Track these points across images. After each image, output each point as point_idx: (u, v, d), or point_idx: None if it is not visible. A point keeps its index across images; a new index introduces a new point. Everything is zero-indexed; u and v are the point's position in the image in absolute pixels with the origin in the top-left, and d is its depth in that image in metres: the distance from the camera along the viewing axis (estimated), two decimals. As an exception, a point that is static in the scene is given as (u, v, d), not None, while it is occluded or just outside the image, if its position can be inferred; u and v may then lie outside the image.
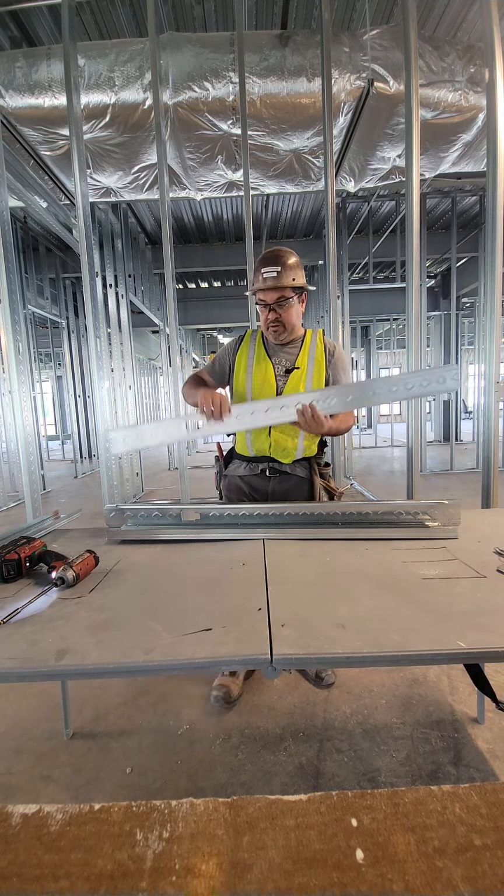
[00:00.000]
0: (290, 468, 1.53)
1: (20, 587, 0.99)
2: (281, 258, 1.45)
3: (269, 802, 0.48)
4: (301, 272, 1.48)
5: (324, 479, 1.59)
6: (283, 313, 1.48)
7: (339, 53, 2.67)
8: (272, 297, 1.45)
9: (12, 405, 2.37)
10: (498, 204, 1.85)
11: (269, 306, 1.47)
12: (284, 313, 1.48)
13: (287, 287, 1.44)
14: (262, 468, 1.54)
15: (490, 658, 0.88)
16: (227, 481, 1.62)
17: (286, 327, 1.50)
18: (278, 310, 1.47)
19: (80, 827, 0.46)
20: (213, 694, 1.58)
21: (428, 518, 1.23)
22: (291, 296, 1.46)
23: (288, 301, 1.46)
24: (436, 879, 0.40)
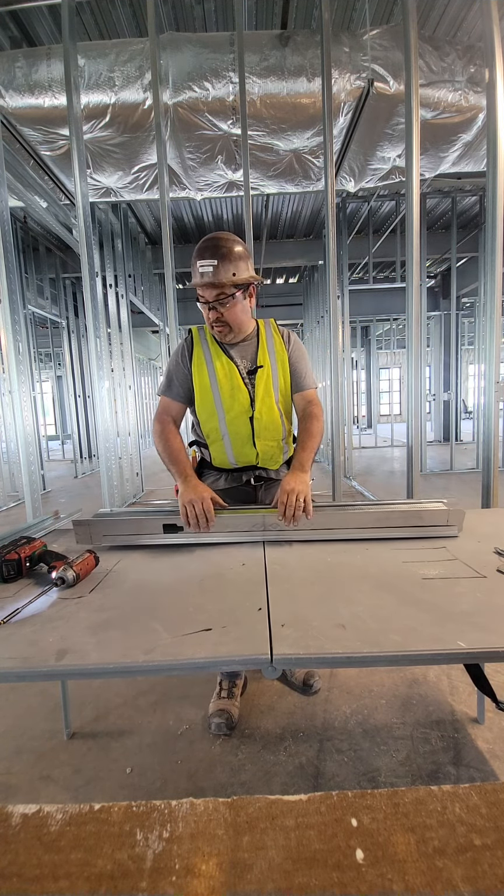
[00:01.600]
0: (275, 473, 1.46)
1: (20, 587, 0.99)
2: (219, 248, 1.24)
3: (269, 802, 0.48)
4: (245, 263, 1.28)
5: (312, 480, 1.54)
6: (226, 312, 1.29)
7: (339, 53, 2.67)
8: (211, 295, 1.27)
9: (12, 405, 2.38)
10: (498, 204, 1.86)
11: (210, 304, 1.29)
12: (227, 312, 1.29)
13: (225, 284, 1.25)
14: (247, 478, 1.43)
15: (490, 658, 0.88)
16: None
17: (232, 327, 1.33)
18: (220, 308, 1.29)
19: (80, 827, 0.46)
20: (215, 721, 1.44)
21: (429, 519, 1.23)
22: (233, 292, 1.27)
23: (230, 299, 1.27)
24: (436, 879, 0.40)
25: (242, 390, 1.35)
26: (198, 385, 1.39)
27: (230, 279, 1.25)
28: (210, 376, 1.37)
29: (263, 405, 1.37)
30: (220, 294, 1.26)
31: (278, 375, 1.39)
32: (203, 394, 1.38)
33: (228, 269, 1.24)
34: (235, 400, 1.35)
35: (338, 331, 2.41)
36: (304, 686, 1.61)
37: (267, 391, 1.37)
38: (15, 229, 5.52)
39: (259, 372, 1.36)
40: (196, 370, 1.39)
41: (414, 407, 2.11)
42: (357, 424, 11.20)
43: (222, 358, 1.38)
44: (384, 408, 14.46)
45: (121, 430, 4.72)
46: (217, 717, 1.45)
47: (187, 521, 1.16)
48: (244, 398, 1.35)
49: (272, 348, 1.40)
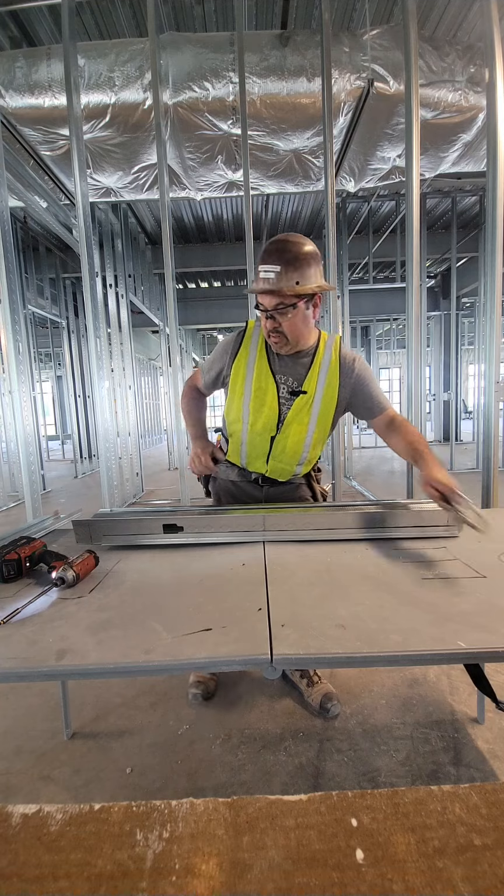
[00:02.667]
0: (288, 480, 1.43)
1: (20, 587, 0.99)
2: (286, 252, 1.14)
3: (269, 802, 0.48)
4: (313, 270, 1.16)
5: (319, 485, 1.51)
6: (285, 322, 1.19)
7: (339, 53, 2.67)
8: (270, 303, 1.17)
9: (12, 405, 2.38)
10: (498, 204, 1.86)
11: (268, 312, 1.19)
12: (286, 323, 1.19)
13: (287, 293, 1.14)
14: (256, 478, 1.42)
15: (490, 658, 0.88)
16: (218, 484, 1.50)
17: (289, 339, 1.23)
18: (278, 317, 1.19)
19: (80, 827, 0.46)
20: (192, 692, 1.57)
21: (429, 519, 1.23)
22: (294, 302, 1.16)
23: (290, 309, 1.17)
24: (436, 879, 0.40)
25: (273, 410, 1.29)
26: (231, 387, 1.35)
27: (293, 288, 1.14)
28: (246, 384, 1.30)
29: (290, 430, 1.30)
30: (279, 303, 1.16)
31: (320, 405, 1.30)
32: (233, 398, 1.34)
33: (292, 276, 1.13)
34: (262, 416, 1.30)
35: (338, 331, 2.41)
36: (322, 709, 1.51)
37: (299, 418, 1.29)
38: (15, 229, 5.52)
39: (300, 397, 1.28)
40: (235, 371, 1.33)
41: (414, 407, 2.11)
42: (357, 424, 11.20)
43: (264, 370, 1.29)
44: (384, 408, 14.43)
45: (121, 430, 4.72)
46: (193, 688, 1.55)
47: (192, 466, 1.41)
48: (272, 418, 1.29)
49: (324, 374, 1.29)
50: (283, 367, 1.30)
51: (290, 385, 1.29)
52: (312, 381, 1.28)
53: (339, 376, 1.29)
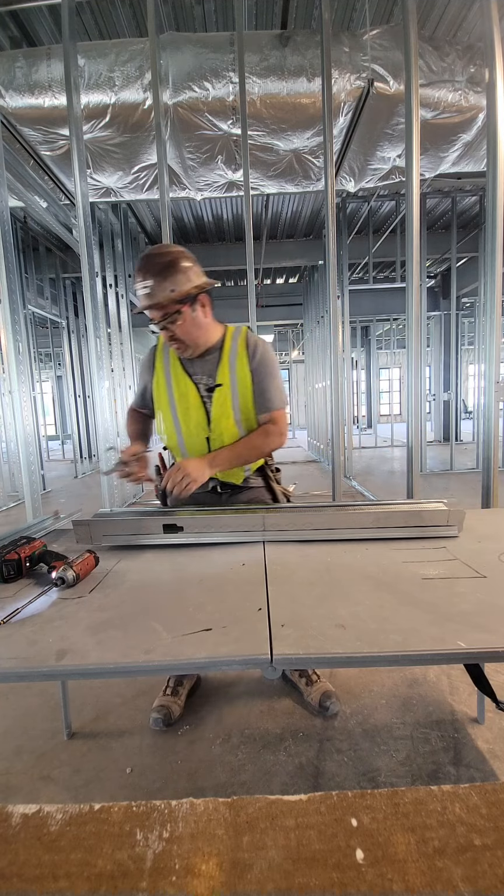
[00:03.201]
0: (242, 482, 1.42)
1: (20, 587, 0.99)
2: (154, 264, 1.18)
3: (269, 802, 0.48)
4: (186, 274, 1.20)
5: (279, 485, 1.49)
6: (177, 329, 1.24)
7: (339, 53, 2.67)
8: (156, 316, 1.22)
9: (12, 405, 2.38)
10: (498, 204, 1.86)
11: (159, 325, 1.24)
12: (178, 329, 1.24)
13: (166, 302, 1.19)
14: (213, 486, 1.39)
15: (490, 658, 0.88)
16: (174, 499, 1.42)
17: (188, 343, 1.28)
18: (170, 327, 1.23)
19: (80, 827, 0.46)
20: (153, 716, 1.47)
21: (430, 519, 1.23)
22: (178, 308, 1.21)
23: (176, 315, 1.21)
24: (436, 879, 0.40)
25: (199, 409, 1.31)
26: (157, 401, 1.38)
27: (168, 297, 1.19)
28: (168, 392, 1.35)
29: (220, 425, 1.32)
30: (164, 314, 1.21)
31: (238, 395, 1.31)
32: (161, 409, 1.38)
33: (165, 286, 1.18)
34: (191, 419, 1.32)
35: (338, 331, 2.41)
36: (321, 708, 1.50)
37: (224, 412, 1.31)
38: (15, 229, 5.52)
39: (217, 391, 1.30)
40: (155, 385, 1.38)
41: (414, 407, 2.12)
42: (357, 424, 11.21)
43: (180, 374, 1.34)
44: (384, 408, 14.46)
45: (121, 430, 4.72)
46: (155, 713, 1.49)
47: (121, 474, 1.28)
48: (200, 417, 1.32)
49: (234, 364, 1.32)
50: (197, 368, 1.34)
51: (206, 383, 1.33)
52: (224, 373, 1.31)
53: (248, 363, 1.32)
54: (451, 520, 1.20)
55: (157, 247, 1.24)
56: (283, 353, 14.39)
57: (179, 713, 1.52)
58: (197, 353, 1.32)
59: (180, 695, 1.55)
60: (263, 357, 1.33)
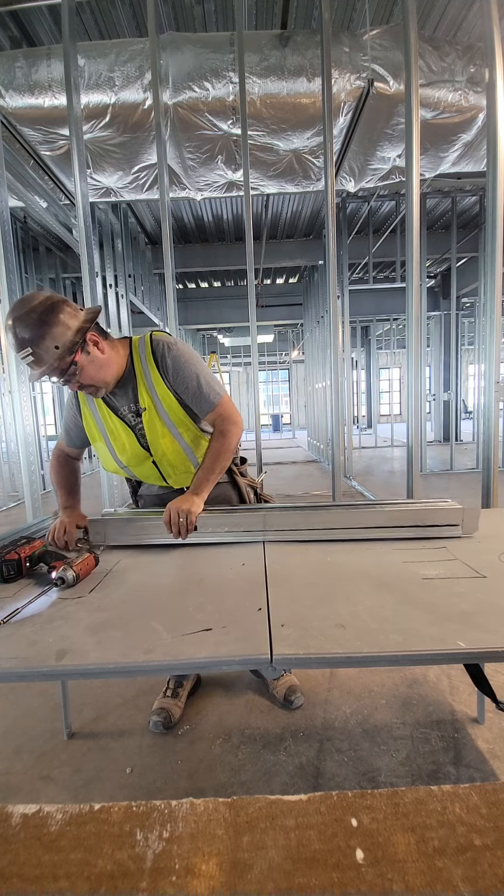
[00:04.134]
0: None
1: (20, 587, 0.99)
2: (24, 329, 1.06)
3: (269, 802, 0.48)
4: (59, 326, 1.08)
5: (244, 477, 1.46)
6: (84, 378, 1.17)
7: (339, 53, 2.67)
8: (55, 377, 1.13)
9: (12, 405, 2.37)
10: (498, 204, 1.85)
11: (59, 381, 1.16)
12: (84, 377, 1.17)
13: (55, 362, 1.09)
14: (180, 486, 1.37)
15: (490, 658, 0.88)
16: (143, 501, 1.47)
17: (98, 385, 1.21)
18: (73, 380, 1.16)
19: (80, 827, 0.46)
20: (153, 719, 1.46)
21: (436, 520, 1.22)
22: (70, 360, 1.11)
23: (72, 367, 1.13)
24: (436, 879, 0.40)
25: (132, 441, 1.28)
26: (92, 439, 1.35)
27: (55, 354, 1.08)
28: (100, 429, 1.32)
29: (159, 447, 1.28)
30: (60, 371, 1.12)
31: (165, 411, 1.26)
32: (98, 447, 1.35)
33: (47, 345, 1.07)
34: (128, 451, 1.29)
35: (338, 331, 2.41)
36: (285, 702, 1.54)
37: (157, 433, 1.27)
38: (15, 229, 5.52)
39: (144, 415, 1.26)
40: (86, 425, 1.34)
41: (414, 407, 2.11)
42: (357, 424, 11.21)
43: (104, 409, 1.30)
44: (384, 408, 14.47)
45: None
46: (155, 716, 1.48)
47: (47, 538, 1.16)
48: (136, 448, 1.29)
49: (150, 383, 1.25)
50: (119, 400, 1.29)
51: (133, 409, 1.28)
52: (143, 395, 1.25)
53: (162, 378, 1.25)
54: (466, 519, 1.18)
55: (19, 304, 1.09)
56: (283, 353, 14.40)
57: (179, 715, 1.51)
58: (111, 388, 1.25)
59: (180, 696, 1.55)
60: (176, 361, 1.24)
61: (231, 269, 7.37)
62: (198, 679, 1.67)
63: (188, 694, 1.59)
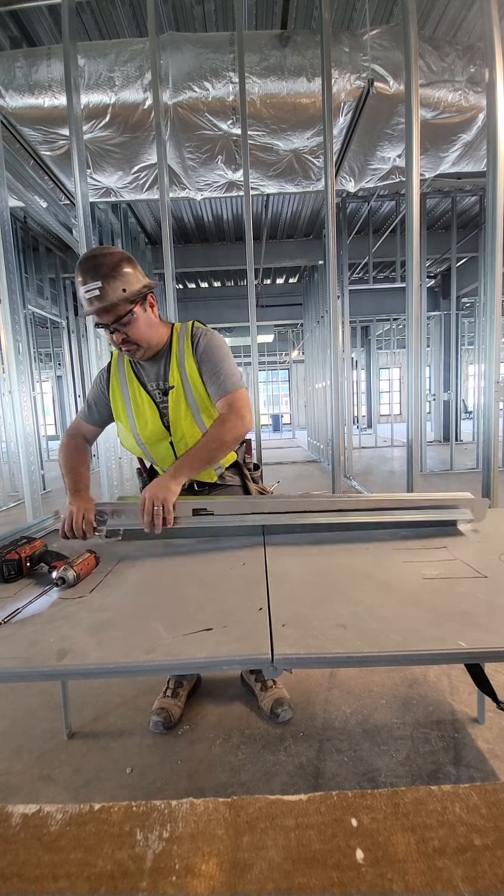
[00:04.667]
0: (219, 479, 1.40)
1: (21, 587, 0.99)
2: (101, 266, 1.14)
3: (269, 802, 0.48)
4: (133, 273, 1.18)
5: (256, 484, 1.47)
6: (131, 331, 1.21)
7: (339, 53, 2.67)
8: (108, 319, 1.18)
9: (12, 405, 2.38)
10: (498, 204, 1.86)
11: (110, 328, 1.20)
12: (132, 331, 1.21)
13: (119, 303, 1.15)
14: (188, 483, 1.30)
15: (490, 658, 0.88)
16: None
17: (140, 344, 1.24)
18: (122, 329, 1.20)
19: (80, 827, 0.46)
20: (153, 719, 1.46)
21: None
22: (130, 309, 1.18)
23: (129, 316, 1.18)
24: (436, 879, 0.40)
25: (153, 416, 1.30)
26: (116, 415, 1.36)
27: (121, 296, 1.15)
28: (126, 406, 1.33)
29: (180, 428, 1.30)
30: (117, 317, 1.17)
31: (191, 392, 1.28)
32: (120, 423, 1.36)
33: (117, 286, 1.14)
34: (148, 428, 1.31)
35: (338, 331, 2.41)
36: (272, 714, 1.48)
37: (181, 414, 1.28)
38: (15, 229, 5.52)
39: (171, 393, 1.28)
40: (112, 399, 1.36)
41: (414, 407, 2.12)
42: (357, 424, 11.21)
43: (134, 383, 1.32)
44: (384, 408, 14.46)
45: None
46: (155, 716, 1.47)
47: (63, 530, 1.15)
48: (156, 423, 1.30)
49: (182, 362, 1.29)
50: (150, 375, 1.32)
51: (160, 387, 1.31)
52: (175, 373, 1.29)
53: (194, 357, 1.29)
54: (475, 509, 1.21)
55: (97, 249, 1.19)
56: (283, 353, 14.41)
57: (179, 715, 1.51)
58: (149, 354, 1.29)
59: (180, 696, 1.55)
60: (208, 344, 1.29)
61: (231, 269, 7.37)
62: (198, 679, 1.67)
63: (188, 694, 1.59)
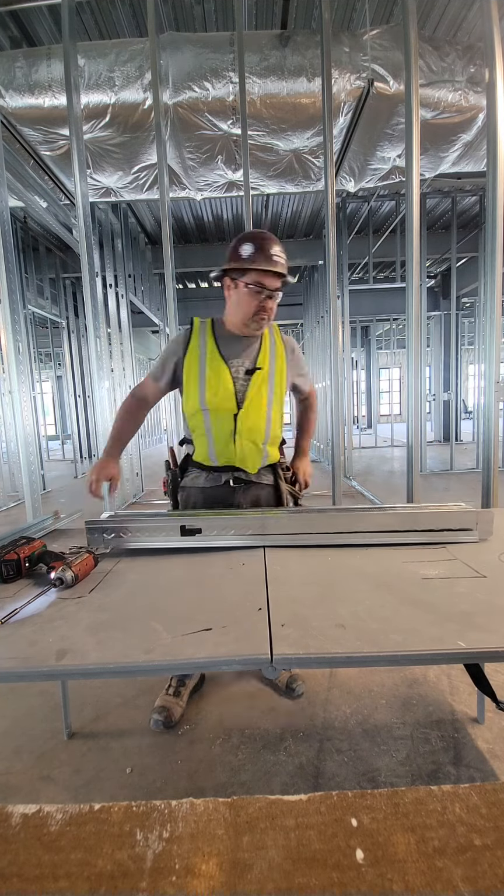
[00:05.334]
0: (255, 477, 1.43)
1: (20, 587, 0.99)
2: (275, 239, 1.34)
3: (269, 802, 0.48)
4: None
5: (288, 484, 1.53)
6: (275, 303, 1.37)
7: (339, 53, 2.67)
8: (275, 284, 1.31)
9: (12, 405, 2.38)
10: (498, 204, 1.86)
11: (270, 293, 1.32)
12: (274, 302, 1.36)
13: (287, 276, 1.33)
14: (226, 479, 1.40)
15: (490, 658, 0.88)
16: (186, 493, 1.47)
17: (271, 317, 1.38)
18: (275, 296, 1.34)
19: (80, 827, 0.46)
20: (154, 717, 1.48)
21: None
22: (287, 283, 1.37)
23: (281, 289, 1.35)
24: (436, 879, 0.40)
25: (227, 386, 1.35)
26: (187, 377, 1.40)
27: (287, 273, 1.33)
28: (200, 371, 1.38)
29: (252, 405, 1.36)
30: (282, 284, 1.33)
31: (275, 380, 1.41)
32: (189, 386, 1.39)
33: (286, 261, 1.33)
34: (219, 394, 1.35)
35: (338, 331, 2.41)
36: (287, 689, 1.62)
37: (259, 392, 1.38)
38: (15, 229, 5.52)
39: (256, 373, 1.37)
40: (188, 362, 1.40)
41: (414, 407, 2.12)
42: (357, 424, 11.21)
43: (215, 356, 1.38)
44: (384, 408, 14.45)
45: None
46: (156, 714, 1.48)
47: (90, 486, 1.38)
48: (229, 392, 1.35)
49: (273, 353, 1.43)
50: (234, 352, 1.40)
51: (244, 365, 1.39)
52: (265, 358, 1.40)
53: (285, 357, 1.46)
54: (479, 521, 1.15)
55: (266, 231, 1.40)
56: (283, 353, 14.36)
57: (180, 714, 1.51)
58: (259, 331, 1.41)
59: (182, 696, 1.55)
60: (298, 354, 1.53)
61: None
62: (202, 678, 1.68)
63: (192, 692, 1.59)
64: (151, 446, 11.40)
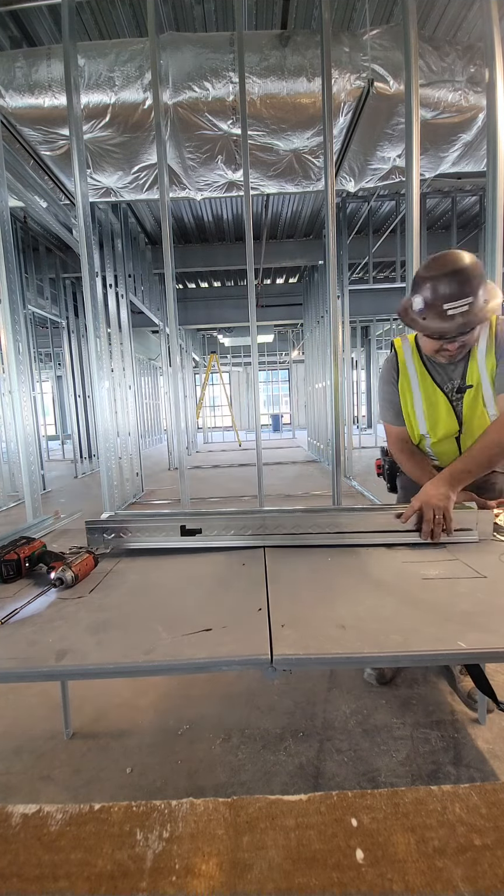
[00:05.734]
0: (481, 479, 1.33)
1: (20, 587, 0.99)
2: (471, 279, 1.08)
3: (269, 802, 0.48)
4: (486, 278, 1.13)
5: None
6: (470, 338, 1.17)
7: (339, 53, 2.67)
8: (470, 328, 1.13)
9: (12, 405, 2.38)
10: (498, 204, 1.86)
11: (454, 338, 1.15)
12: (471, 337, 1.17)
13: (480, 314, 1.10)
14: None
15: (490, 658, 0.88)
16: (405, 478, 1.46)
17: (467, 347, 1.21)
18: (461, 338, 1.15)
19: (80, 827, 0.46)
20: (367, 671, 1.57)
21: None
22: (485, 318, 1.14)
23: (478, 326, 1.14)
24: (436, 879, 0.40)
25: (450, 417, 1.29)
26: (404, 409, 1.36)
27: (483, 309, 1.10)
28: (415, 403, 1.33)
29: (472, 424, 1.29)
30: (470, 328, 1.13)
31: (491, 388, 1.24)
32: (409, 418, 1.36)
33: (480, 298, 1.09)
34: (440, 427, 1.30)
35: (338, 331, 2.41)
36: (469, 699, 1.49)
37: (476, 412, 1.27)
38: (15, 229, 5.52)
39: (468, 392, 1.26)
40: (402, 393, 1.35)
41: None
42: (357, 424, 11.20)
43: (427, 381, 1.30)
44: (384, 408, 14.41)
45: (121, 430, 4.73)
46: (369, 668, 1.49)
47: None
48: (451, 424, 1.29)
49: (483, 360, 1.24)
50: (446, 373, 1.29)
51: (457, 385, 1.28)
52: (474, 373, 1.26)
53: (495, 352, 1.24)
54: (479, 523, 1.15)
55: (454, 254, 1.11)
56: (283, 353, 14.40)
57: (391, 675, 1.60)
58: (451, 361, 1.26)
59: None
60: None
61: (231, 269, 7.36)
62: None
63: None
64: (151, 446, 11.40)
